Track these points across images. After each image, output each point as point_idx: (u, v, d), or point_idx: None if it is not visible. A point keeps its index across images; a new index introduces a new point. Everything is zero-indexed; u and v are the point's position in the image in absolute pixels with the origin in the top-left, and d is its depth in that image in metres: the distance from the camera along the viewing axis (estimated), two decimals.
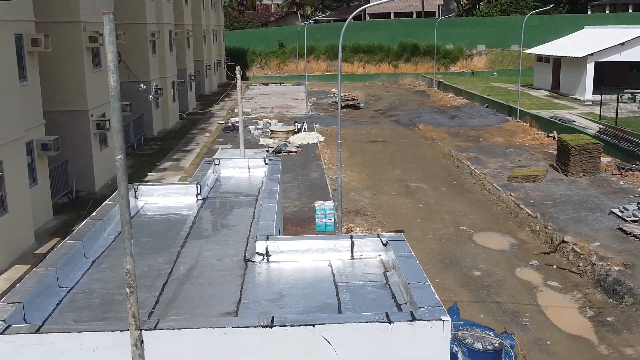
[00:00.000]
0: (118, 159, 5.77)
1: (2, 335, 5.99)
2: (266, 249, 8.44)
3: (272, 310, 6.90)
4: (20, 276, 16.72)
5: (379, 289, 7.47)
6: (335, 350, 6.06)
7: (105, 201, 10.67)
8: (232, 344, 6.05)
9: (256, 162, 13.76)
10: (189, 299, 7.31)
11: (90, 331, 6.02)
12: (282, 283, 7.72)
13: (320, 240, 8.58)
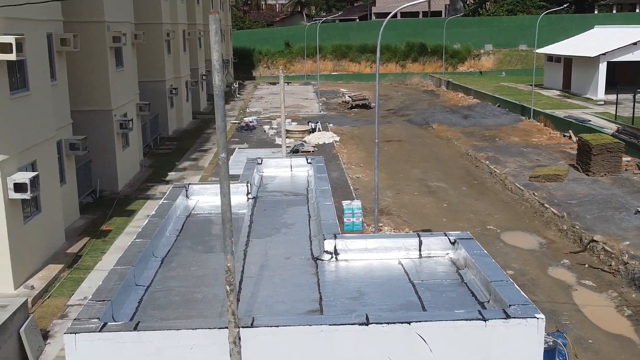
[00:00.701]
0: (221, 157, 5.79)
1: (100, 333, 6.03)
2: (335, 248, 8.48)
3: (356, 308, 6.94)
4: (55, 275, 16.75)
5: (456, 287, 7.50)
6: (430, 348, 6.09)
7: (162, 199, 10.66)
8: (328, 342, 6.09)
9: (298, 161, 13.80)
10: (268, 297, 7.34)
11: (188, 329, 6.06)
12: (357, 281, 7.75)
13: (388, 238, 8.63)
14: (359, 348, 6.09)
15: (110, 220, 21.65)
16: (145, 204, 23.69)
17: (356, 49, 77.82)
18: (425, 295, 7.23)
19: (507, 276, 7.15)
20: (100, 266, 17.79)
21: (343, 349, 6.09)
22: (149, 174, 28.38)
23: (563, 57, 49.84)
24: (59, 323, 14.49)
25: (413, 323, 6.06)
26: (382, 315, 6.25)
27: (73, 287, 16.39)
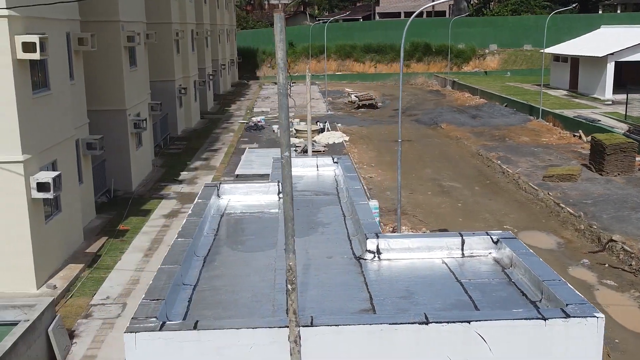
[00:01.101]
0: (284, 156, 5.78)
1: (160, 332, 6.01)
2: (377, 247, 8.47)
3: (408, 307, 6.93)
4: (75, 275, 16.73)
5: (504, 287, 7.49)
6: (489, 347, 6.08)
7: (195, 199, 10.64)
8: (388, 341, 6.08)
9: (324, 160, 13.78)
10: (317, 296, 7.33)
11: (248, 328, 6.05)
12: (404, 280, 7.74)
13: (430, 238, 8.62)
14: (418, 347, 6.08)
15: (126, 220, 21.63)
16: (160, 204, 23.68)
17: (360, 49, 77.81)
18: (475, 294, 7.21)
19: (559, 275, 7.14)
20: (120, 266, 17.79)
21: (402, 348, 6.08)
22: (162, 173, 28.36)
23: (570, 57, 49.83)
24: (83, 322, 14.48)
25: (473, 322, 6.04)
26: (441, 314, 6.24)
27: (94, 287, 16.38)
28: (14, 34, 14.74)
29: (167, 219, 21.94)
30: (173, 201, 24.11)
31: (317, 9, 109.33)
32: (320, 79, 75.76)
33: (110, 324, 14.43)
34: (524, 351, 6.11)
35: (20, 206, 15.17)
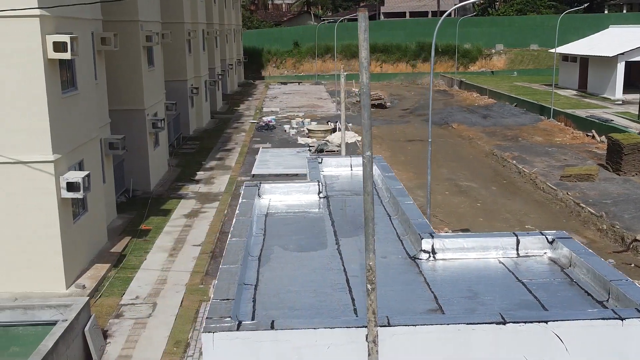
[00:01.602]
0: (366, 155, 5.77)
1: (238, 332, 6.00)
2: (432, 247, 8.46)
3: (475, 307, 6.92)
4: (103, 275, 16.73)
5: (567, 286, 7.48)
6: (566, 347, 6.07)
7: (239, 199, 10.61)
8: (464, 341, 6.07)
9: (358, 160, 13.74)
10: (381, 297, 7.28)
11: (326, 327, 6.04)
12: (465, 280, 7.73)
13: (485, 238, 8.61)
14: (495, 348, 6.07)
15: (147, 220, 21.63)
16: (180, 204, 23.69)
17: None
18: (540, 294, 7.20)
19: (624, 275, 7.14)
20: (145, 266, 17.79)
21: (478, 349, 6.07)
22: (178, 173, 28.36)
23: (579, 57, 49.83)
24: (115, 322, 14.47)
25: (550, 322, 6.03)
26: (517, 314, 6.23)
27: (123, 287, 16.37)
28: (45, 34, 14.74)
29: (188, 218, 21.93)
30: (192, 201, 24.10)
31: (321, 9, 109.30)
32: (326, 79, 75.81)
33: (142, 323, 14.43)
34: (600, 351, 6.10)
35: (50, 206, 15.17)
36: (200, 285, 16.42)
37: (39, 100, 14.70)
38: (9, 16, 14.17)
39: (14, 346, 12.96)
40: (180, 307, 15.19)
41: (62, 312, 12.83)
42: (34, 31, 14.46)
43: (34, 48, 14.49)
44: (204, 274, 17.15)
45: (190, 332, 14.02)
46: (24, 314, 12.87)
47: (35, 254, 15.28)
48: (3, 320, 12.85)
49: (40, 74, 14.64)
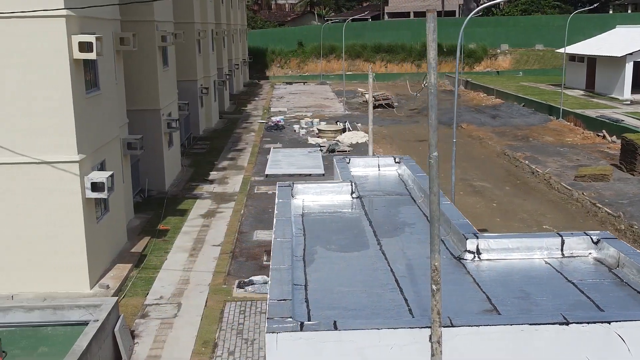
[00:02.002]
0: (433, 156, 5.77)
1: (301, 332, 6.00)
2: (477, 247, 8.46)
3: (530, 308, 6.92)
4: (125, 275, 16.72)
5: (617, 287, 7.48)
6: (628, 348, 6.07)
7: (275, 199, 10.62)
8: (527, 341, 6.07)
9: (386, 160, 13.77)
10: None
11: (390, 328, 6.04)
12: (514, 281, 7.73)
13: (529, 238, 8.61)
14: (557, 348, 6.07)
15: (164, 220, 21.62)
16: (195, 204, 23.69)
17: (370, 49, 77.80)
18: (593, 295, 7.20)
19: None
20: (167, 266, 17.79)
21: (541, 349, 6.07)
22: (191, 173, 28.36)
23: (586, 57, 49.81)
24: (141, 323, 14.47)
25: (613, 323, 6.04)
26: (579, 314, 6.23)
27: (146, 287, 16.37)
28: (71, 34, 14.73)
29: (205, 218, 21.93)
30: (208, 201, 24.10)
31: (324, 9, 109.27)
32: (330, 79, 75.82)
33: (168, 323, 14.42)
34: None
35: (75, 206, 15.16)
36: (224, 285, 16.41)
37: (64, 100, 14.69)
38: (35, 16, 14.17)
39: (43, 346, 12.96)
40: (205, 307, 15.18)
41: (92, 312, 12.83)
42: (60, 31, 14.45)
43: (60, 48, 14.48)
44: (226, 274, 17.14)
45: (217, 332, 14.02)
46: (54, 314, 12.88)
47: (59, 254, 15.28)
48: (33, 320, 12.85)
49: (66, 74, 14.63)
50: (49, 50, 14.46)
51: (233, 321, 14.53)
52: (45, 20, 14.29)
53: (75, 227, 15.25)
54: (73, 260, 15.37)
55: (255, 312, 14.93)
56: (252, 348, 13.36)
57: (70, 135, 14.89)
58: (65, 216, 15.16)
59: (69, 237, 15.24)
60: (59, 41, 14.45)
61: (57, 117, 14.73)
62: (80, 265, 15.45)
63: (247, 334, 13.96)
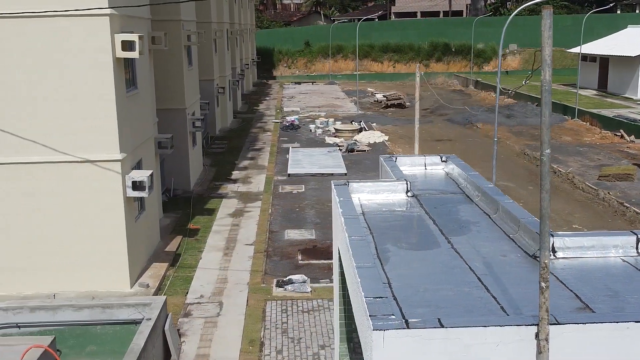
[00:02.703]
0: (545, 153, 5.76)
1: (408, 329, 5.99)
2: (552, 245, 8.44)
3: (623, 306, 6.90)
4: (162, 274, 16.72)
5: None
6: None
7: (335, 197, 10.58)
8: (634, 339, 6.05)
9: (432, 159, 13.75)
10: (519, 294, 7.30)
11: (496, 326, 6.02)
12: (597, 278, 7.70)
13: (604, 236, 8.58)
14: None
15: (193, 219, 21.62)
16: (222, 203, 23.71)
17: (378, 49, 77.79)
18: None
19: None
20: (202, 265, 17.80)
21: None
22: (213, 173, 28.37)
23: (599, 57, 49.84)
24: (185, 321, 14.47)
25: None
26: None
27: (184, 286, 16.37)
28: (114, 33, 14.73)
29: (234, 218, 21.93)
30: (234, 200, 24.10)
31: (329, 9, 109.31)
32: (338, 78, 75.83)
33: (212, 322, 14.42)
34: None
35: (117, 205, 15.17)
36: (262, 284, 16.41)
37: (107, 99, 14.70)
38: (80, 15, 14.17)
39: (91, 345, 12.97)
40: (247, 306, 15.17)
41: (141, 310, 12.83)
42: (105, 30, 14.45)
43: (103, 47, 14.49)
44: (263, 273, 17.14)
45: (262, 331, 14.02)
46: (102, 312, 12.88)
47: (100, 253, 15.29)
48: (82, 319, 12.85)
49: (109, 73, 14.63)
50: (92, 49, 14.46)
51: (276, 320, 14.53)
52: (90, 18, 14.29)
53: (116, 226, 15.25)
54: (114, 259, 15.38)
55: (297, 311, 14.93)
56: (299, 347, 13.36)
57: (113, 134, 14.89)
58: (107, 215, 15.17)
59: (110, 236, 15.24)
60: (103, 40, 14.46)
61: (100, 115, 14.73)
62: (121, 264, 15.46)
63: (292, 332, 13.96)
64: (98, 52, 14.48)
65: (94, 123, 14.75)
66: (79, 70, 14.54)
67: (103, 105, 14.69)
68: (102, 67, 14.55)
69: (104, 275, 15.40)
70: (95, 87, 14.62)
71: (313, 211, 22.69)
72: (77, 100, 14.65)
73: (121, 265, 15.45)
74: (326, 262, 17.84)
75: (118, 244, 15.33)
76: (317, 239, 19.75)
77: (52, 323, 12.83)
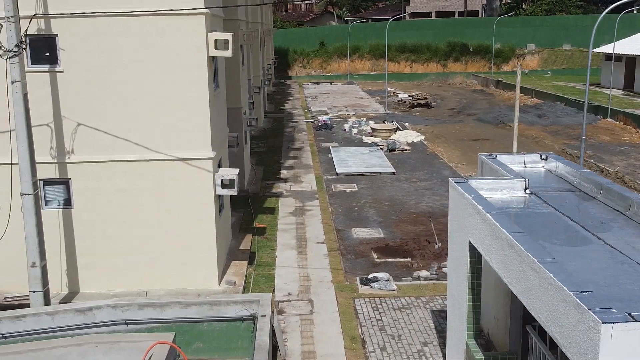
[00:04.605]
0: None
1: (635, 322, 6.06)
2: None
3: None
4: (244, 272, 16.78)
5: None
6: None
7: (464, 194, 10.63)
8: None
9: (532, 157, 13.81)
10: None
11: None
12: None
13: None
14: None
15: (257, 218, 21.69)
16: (280, 202, 23.77)
17: (395, 49, 77.78)
18: None
19: None
20: (280, 263, 17.87)
21: None
22: (262, 172, 28.42)
23: (625, 57, 49.92)
24: (280, 319, 14.52)
25: None
26: None
27: (269, 284, 16.44)
28: (208, 32, 14.81)
29: (296, 216, 22.00)
30: (290, 199, 24.17)
31: (341, 9, 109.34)
32: (355, 78, 75.88)
33: (308, 320, 14.49)
34: None
35: (208, 203, 15.25)
36: (346, 282, 16.48)
37: (202, 97, 14.77)
38: (176, 14, 14.24)
39: (198, 342, 13.04)
40: (337, 303, 15.24)
41: (248, 307, 12.89)
42: (201, 29, 14.51)
43: (199, 46, 14.55)
44: (343, 271, 17.21)
45: (359, 329, 14.08)
46: (210, 309, 12.93)
47: (190, 250, 15.35)
48: (189, 316, 12.91)
49: (203, 71, 14.71)
50: (189, 47, 14.52)
51: (370, 318, 14.59)
52: (186, 17, 14.35)
53: (207, 224, 15.32)
54: (203, 257, 15.45)
55: (388, 309, 15.00)
56: (401, 344, 13.43)
57: (206, 132, 14.96)
58: (198, 213, 15.23)
59: (201, 233, 15.31)
60: (199, 39, 14.52)
61: (194, 114, 14.80)
62: (211, 262, 15.53)
63: (390, 330, 14.02)
64: (194, 51, 14.54)
65: (188, 121, 14.81)
66: (174, 69, 14.60)
67: (197, 104, 14.75)
68: (197, 65, 14.62)
69: (193, 273, 15.47)
70: (190, 86, 14.68)
71: (372, 210, 22.76)
72: (171, 98, 14.71)
73: (210, 263, 15.52)
74: (402, 261, 17.93)
75: (208, 241, 15.40)
76: (386, 238, 19.81)
77: (160, 320, 12.88)
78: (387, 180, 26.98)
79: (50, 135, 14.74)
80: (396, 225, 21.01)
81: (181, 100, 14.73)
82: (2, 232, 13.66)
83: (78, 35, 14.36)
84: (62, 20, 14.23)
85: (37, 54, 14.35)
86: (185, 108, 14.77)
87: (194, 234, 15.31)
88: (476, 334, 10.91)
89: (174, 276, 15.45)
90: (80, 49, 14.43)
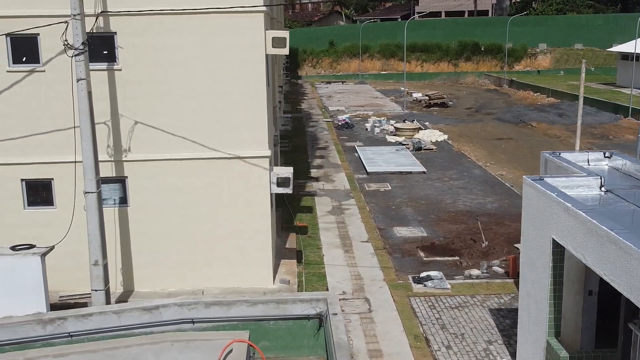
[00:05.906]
0: None
1: None
2: None
3: None
4: (295, 270, 16.73)
5: None
6: None
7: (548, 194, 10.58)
8: None
9: (595, 155, 13.77)
10: None
11: None
12: None
13: None
14: None
15: (295, 217, 21.64)
16: (315, 201, 23.74)
17: (406, 48, 77.72)
18: None
19: None
20: (328, 262, 17.82)
21: None
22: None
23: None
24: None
25: None
26: None
27: (321, 282, 16.39)
28: (265, 30, 14.77)
29: (335, 215, 21.96)
30: (326, 198, 24.13)
31: (349, 9, 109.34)
32: (366, 78, 75.87)
33: (368, 318, 14.44)
34: None
35: (264, 201, 15.20)
36: (399, 281, 16.43)
37: (259, 95, 14.73)
38: (235, 12, 14.19)
39: (264, 340, 12.97)
40: (394, 302, 15.19)
41: (314, 306, 12.83)
42: (259, 27, 14.47)
43: (258, 43, 14.50)
44: (394, 270, 17.16)
45: (420, 327, 14.03)
46: (277, 308, 12.84)
47: (246, 249, 15.30)
48: (256, 314, 12.84)
49: (262, 69, 14.67)
50: (247, 45, 14.46)
51: (429, 316, 14.54)
52: (245, 15, 14.31)
53: (264, 222, 15.28)
54: (258, 256, 15.39)
55: (445, 307, 14.95)
56: (465, 342, 13.38)
57: (263, 130, 14.91)
58: (255, 211, 15.17)
59: (257, 232, 15.26)
60: (257, 37, 14.47)
61: (252, 112, 14.75)
62: (266, 261, 15.48)
63: (451, 328, 13.97)
64: (253, 49, 14.48)
65: (244, 119, 14.76)
66: (232, 66, 14.54)
67: (255, 102, 14.70)
68: (255, 63, 14.57)
69: (248, 272, 15.41)
70: (248, 84, 14.63)
71: (410, 209, 22.71)
72: (228, 96, 14.66)
73: (266, 261, 15.47)
74: (450, 259, 17.88)
75: (264, 240, 15.35)
76: (430, 236, 19.76)
77: (226, 318, 12.81)
78: (418, 179, 26.93)
79: (107, 134, 14.69)
80: (437, 224, 20.96)
81: (238, 98, 14.68)
82: (66, 230, 13.60)
83: (136, 34, 14.31)
84: (119, 18, 14.17)
85: (95, 52, 14.28)
86: (243, 106, 14.71)
87: (249, 232, 15.25)
88: (557, 332, 10.86)
89: (229, 275, 15.39)
90: (137, 47, 14.38)
